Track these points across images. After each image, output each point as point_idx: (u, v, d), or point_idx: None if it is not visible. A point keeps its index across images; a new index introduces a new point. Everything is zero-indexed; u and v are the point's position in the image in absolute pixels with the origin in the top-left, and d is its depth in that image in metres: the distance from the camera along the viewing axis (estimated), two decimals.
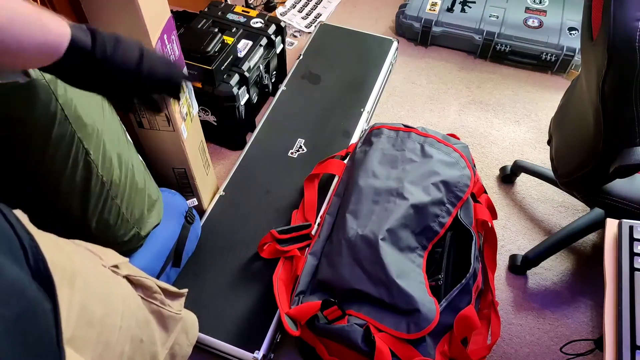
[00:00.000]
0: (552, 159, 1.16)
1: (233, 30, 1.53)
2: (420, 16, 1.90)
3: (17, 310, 0.37)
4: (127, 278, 0.64)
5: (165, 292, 0.72)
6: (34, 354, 0.39)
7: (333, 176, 1.39)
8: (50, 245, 0.50)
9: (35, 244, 0.45)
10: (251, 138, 1.56)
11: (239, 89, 1.45)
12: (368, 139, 1.30)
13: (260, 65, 1.55)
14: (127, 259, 0.67)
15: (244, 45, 1.52)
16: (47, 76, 0.69)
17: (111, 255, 0.66)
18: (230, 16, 1.59)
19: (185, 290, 0.77)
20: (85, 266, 0.56)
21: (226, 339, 1.13)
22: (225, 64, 1.41)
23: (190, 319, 0.80)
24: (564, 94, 1.19)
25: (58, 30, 0.48)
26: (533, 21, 1.83)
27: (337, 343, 1.00)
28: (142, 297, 0.68)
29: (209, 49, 1.35)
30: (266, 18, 1.61)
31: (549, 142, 1.22)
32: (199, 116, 1.33)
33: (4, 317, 0.36)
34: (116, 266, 0.63)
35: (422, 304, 0.96)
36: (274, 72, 1.70)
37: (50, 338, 0.42)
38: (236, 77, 1.44)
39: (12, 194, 0.78)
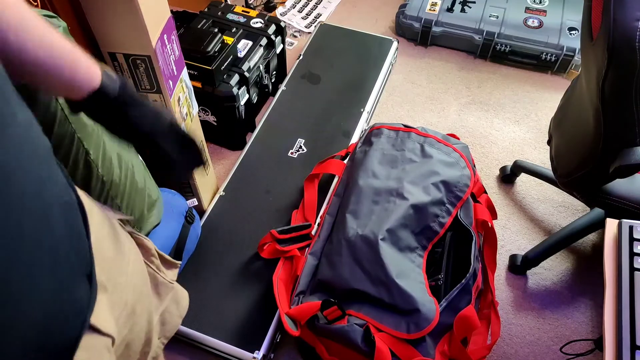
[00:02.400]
0: (552, 159, 1.16)
1: (233, 30, 1.53)
2: (420, 16, 1.90)
3: (64, 199, 0.43)
4: (131, 234, 0.65)
5: (161, 258, 0.72)
6: (75, 240, 0.44)
7: (333, 176, 1.40)
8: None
9: (66, 172, 0.48)
10: (251, 138, 1.56)
11: (239, 89, 1.45)
12: (368, 139, 1.30)
13: (260, 65, 1.55)
14: (131, 217, 0.67)
15: (244, 45, 1.52)
16: None
17: (117, 213, 0.66)
18: (230, 16, 1.59)
19: (179, 262, 0.77)
20: (99, 210, 0.57)
21: (226, 339, 1.13)
22: (225, 64, 1.41)
23: (181, 291, 0.80)
24: (564, 94, 1.19)
25: (89, 69, 0.52)
26: (533, 21, 1.83)
27: (337, 343, 1.00)
28: None
29: (209, 49, 1.35)
30: (266, 18, 1.61)
31: (549, 142, 1.22)
32: (199, 116, 1.33)
33: (66, 204, 0.43)
34: (122, 221, 0.64)
35: (422, 304, 0.96)
36: (274, 72, 1.70)
37: (83, 237, 0.46)
38: (236, 77, 1.44)
39: None
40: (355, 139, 1.54)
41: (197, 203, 1.35)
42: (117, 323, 0.54)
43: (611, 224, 0.77)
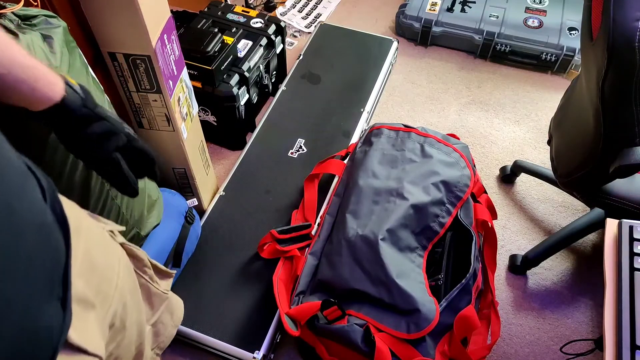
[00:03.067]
0: (552, 159, 1.16)
1: (233, 30, 1.53)
2: (420, 16, 1.90)
3: (39, 220, 0.42)
4: (122, 245, 0.64)
5: (155, 268, 0.71)
6: (50, 262, 0.43)
7: (333, 176, 1.40)
8: (62, 198, 0.52)
9: (53, 187, 0.48)
10: (251, 138, 1.56)
11: (239, 89, 1.45)
12: (368, 139, 1.30)
13: (260, 65, 1.55)
14: (123, 228, 0.67)
15: (244, 45, 1.52)
16: None
17: (109, 223, 0.67)
18: (230, 16, 1.59)
19: (173, 271, 0.77)
20: (89, 222, 0.58)
21: (226, 339, 1.13)
22: (225, 64, 1.41)
23: (176, 301, 0.80)
24: (564, 94, 1.19)
25: (50, 84, 0.53)
26: (533, 21, 1.83)
27: (337, 343, 1.00)
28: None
29: (209, 49, 1.35)
30: (266, 18, 1.61)
31: (549, 142, 1.22)
32: (199, 116, 1.33)
33: (42, 225, 0.42)
34: (112, 232, 0.64)
35: (422, 304, 0.96)
36: (274, 72, 1.70)
37: (60, 264, 0.45)
38: (236, 77, 1.44)
39: None
40: (355, 139, 1.54)
41: (197, 203, 1.35)
42: (104, 338, 0.53)
43: (611, 224, 0.77)
